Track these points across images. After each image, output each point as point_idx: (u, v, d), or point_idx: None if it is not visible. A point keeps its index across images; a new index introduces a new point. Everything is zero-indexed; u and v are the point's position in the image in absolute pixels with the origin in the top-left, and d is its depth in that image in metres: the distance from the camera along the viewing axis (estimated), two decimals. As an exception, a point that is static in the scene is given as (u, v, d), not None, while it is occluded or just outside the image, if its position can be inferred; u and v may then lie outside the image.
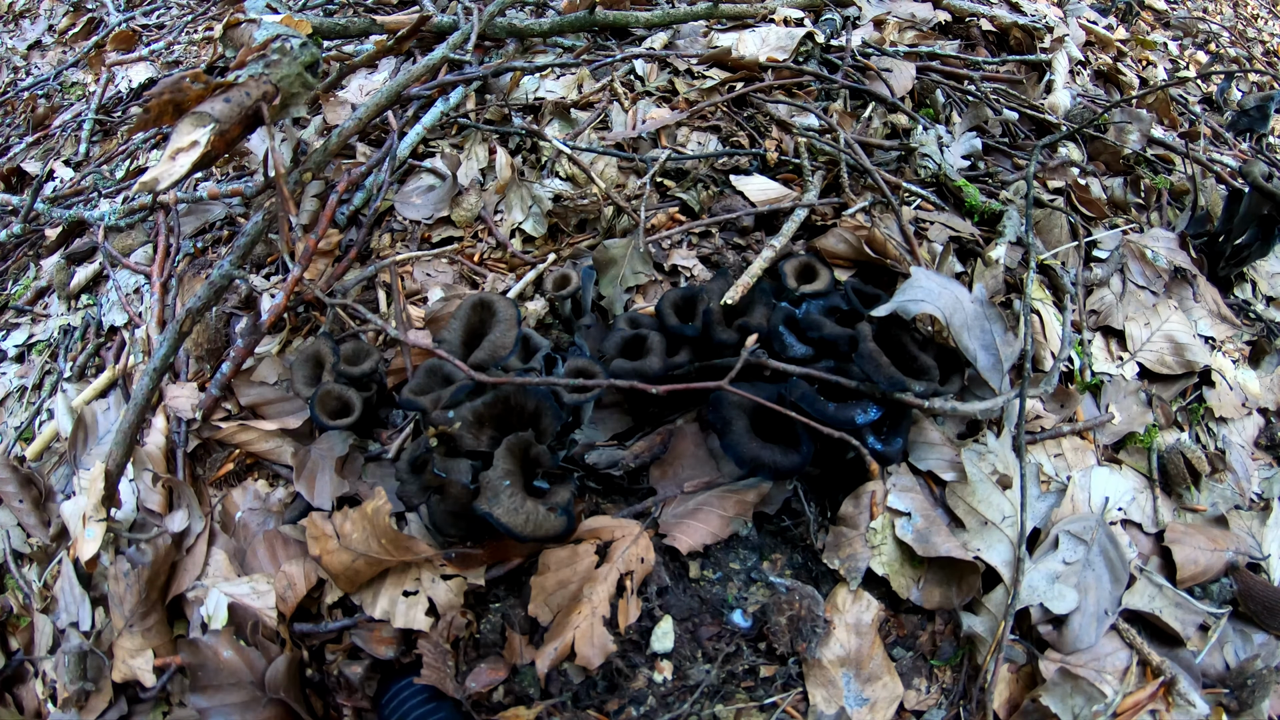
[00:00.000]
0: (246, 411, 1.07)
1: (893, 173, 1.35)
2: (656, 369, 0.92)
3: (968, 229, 1.24)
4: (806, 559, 0.91)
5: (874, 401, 0.86)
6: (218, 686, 0.83)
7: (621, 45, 1.65)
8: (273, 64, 0.97)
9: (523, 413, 0.88)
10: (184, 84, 0.92)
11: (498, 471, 0.80)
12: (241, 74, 0.96)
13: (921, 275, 0.97)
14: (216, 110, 0.90)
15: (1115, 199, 1.46)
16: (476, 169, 1.34)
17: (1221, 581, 0.97)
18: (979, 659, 0.84)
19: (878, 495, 0.91)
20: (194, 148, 0.88)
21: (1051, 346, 1.11)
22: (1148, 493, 1.03)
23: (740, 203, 1.27)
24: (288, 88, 0.98)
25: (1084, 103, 1.73)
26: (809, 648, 0.81)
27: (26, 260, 1.64)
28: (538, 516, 0.80)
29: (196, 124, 0.90)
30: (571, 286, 1.06)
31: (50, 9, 2.73)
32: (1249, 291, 1.44)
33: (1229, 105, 2.13)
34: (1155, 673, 0.86)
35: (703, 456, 0.96)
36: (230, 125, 0.92)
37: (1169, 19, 2.73)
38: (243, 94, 0.93)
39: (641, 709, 0.79)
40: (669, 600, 0.85)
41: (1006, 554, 0.88)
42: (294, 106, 1.00)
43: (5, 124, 2.30)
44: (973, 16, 1.83)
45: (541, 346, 0.99)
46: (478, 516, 0.78)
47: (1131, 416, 1.10)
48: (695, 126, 1.41)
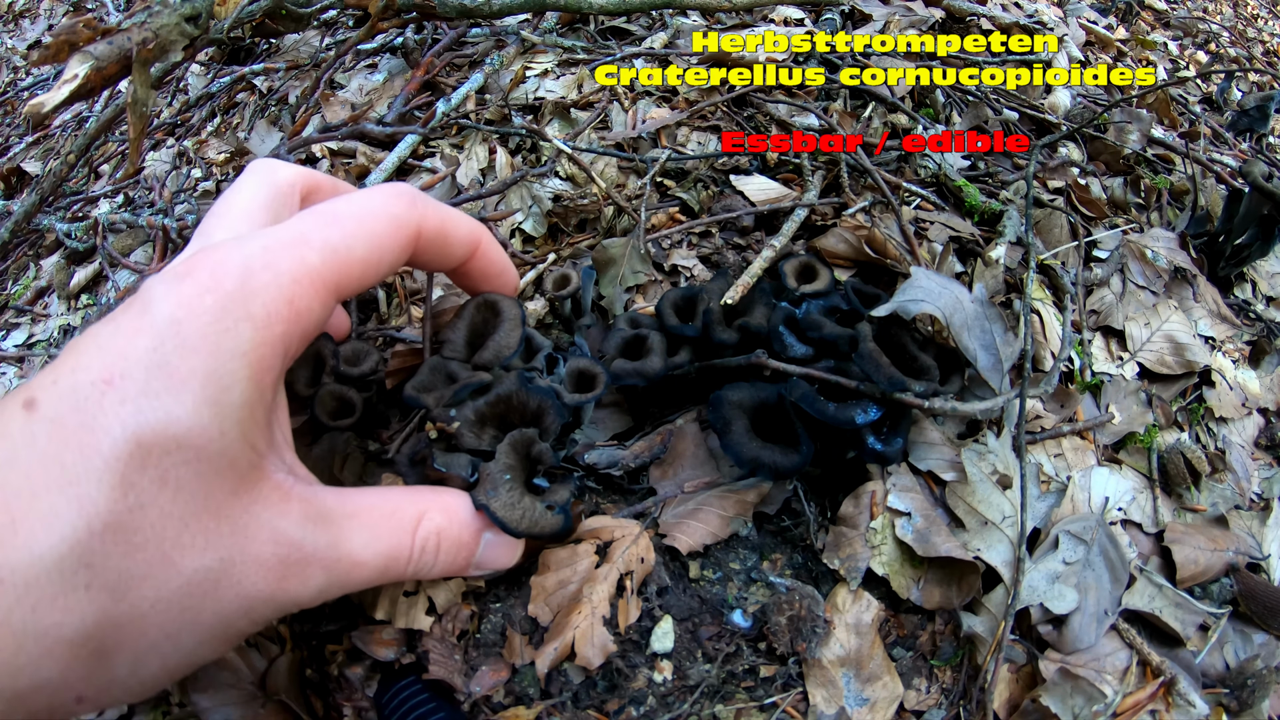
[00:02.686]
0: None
1: (893, 173, 1.35)
2: (657, 369, 0.92)
3: (968, 229, 1.24)
4: (806, 559, 0.91)
5: (874, 401, 0.86)
6: (217, 686, 0.83)
7: (621, 45, 1.65)
8: (154, 14, 1.12)
9: (525, 412, 0.88)
10: (78, 28, 1.07)
11: (499, 465, 0.80)
12: (126, 21, 1.11)
13: (921, 275, 0.97)
14: (98, 50, 1.06)
15: (1115, 199, 1.46)
16: (476, 169, 1.34)
17: (1221, 581, 0.97)
18: (979, 659, 0.84)
19: (878, 495, 0.91)
20: (74, 79, 1.04)
21: (1051, 346, 1.11)
22: (1148, 493, 1.03)
23: (740, 203, 1.27)
24: (166, 35, 1.12)
25: (1084, 103, 1.73)
26: (809, 648, 0.81)
27: (26, 260, 1.64)
28: (534, 513, 0.79)
29: (81, 61, 1.06)
30: (571, 286, 1.06)
31: (50, 9, 2.73)
32: (1249, 291, 1.44)
33: (1229, 105, 2.13)
34: (1155, 673, 0.86)
35: (703, 456, 0.96)
36: (109, 64, 1.08)
37: (1169, 19, 2.73)
38: (124, 39, 1.08)
39: (641, 709, 0.79)
40: (669, 600, 0.85)
41: (1006, 554, 0.88)
42: (172, 52, 1.15)
43: (5, 124, 2.30)
44: (973, 16, 1.83)
45: (543, 346, 0.99)
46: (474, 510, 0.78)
47: (1131, 416, 1.10)
48: (695, 126, 1.41)
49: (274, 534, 0.49)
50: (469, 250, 0.69)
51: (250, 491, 0.48)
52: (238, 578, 0.48)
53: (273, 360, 0.48)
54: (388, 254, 0.56)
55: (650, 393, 1.03)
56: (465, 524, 0.64)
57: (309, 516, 0.52)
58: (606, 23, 1.74)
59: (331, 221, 0.52)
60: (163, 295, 0.46)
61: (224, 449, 0.46)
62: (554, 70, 1.55)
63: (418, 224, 0.58)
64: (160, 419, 0.43)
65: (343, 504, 0.56)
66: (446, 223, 0.63)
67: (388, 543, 0.57)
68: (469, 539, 0.64)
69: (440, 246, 0.63)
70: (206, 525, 0.46)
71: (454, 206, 1.23)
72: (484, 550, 0.66)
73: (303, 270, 0.49)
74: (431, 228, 0.60)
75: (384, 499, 0.59)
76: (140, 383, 0.43)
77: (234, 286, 0.46)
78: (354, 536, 0.54)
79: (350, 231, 0.53)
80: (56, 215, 1.61)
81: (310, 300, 0.50)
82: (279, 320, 0.47)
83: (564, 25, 1.73)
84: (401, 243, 0.58)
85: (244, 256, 0.48)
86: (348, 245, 0.52)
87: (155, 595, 0.44)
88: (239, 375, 0.45)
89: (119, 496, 0.42)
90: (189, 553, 0.45)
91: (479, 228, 0.69)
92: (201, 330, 0.45)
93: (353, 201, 0.55)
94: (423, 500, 0.62)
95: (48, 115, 1.09)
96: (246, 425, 0.47)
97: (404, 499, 0.61)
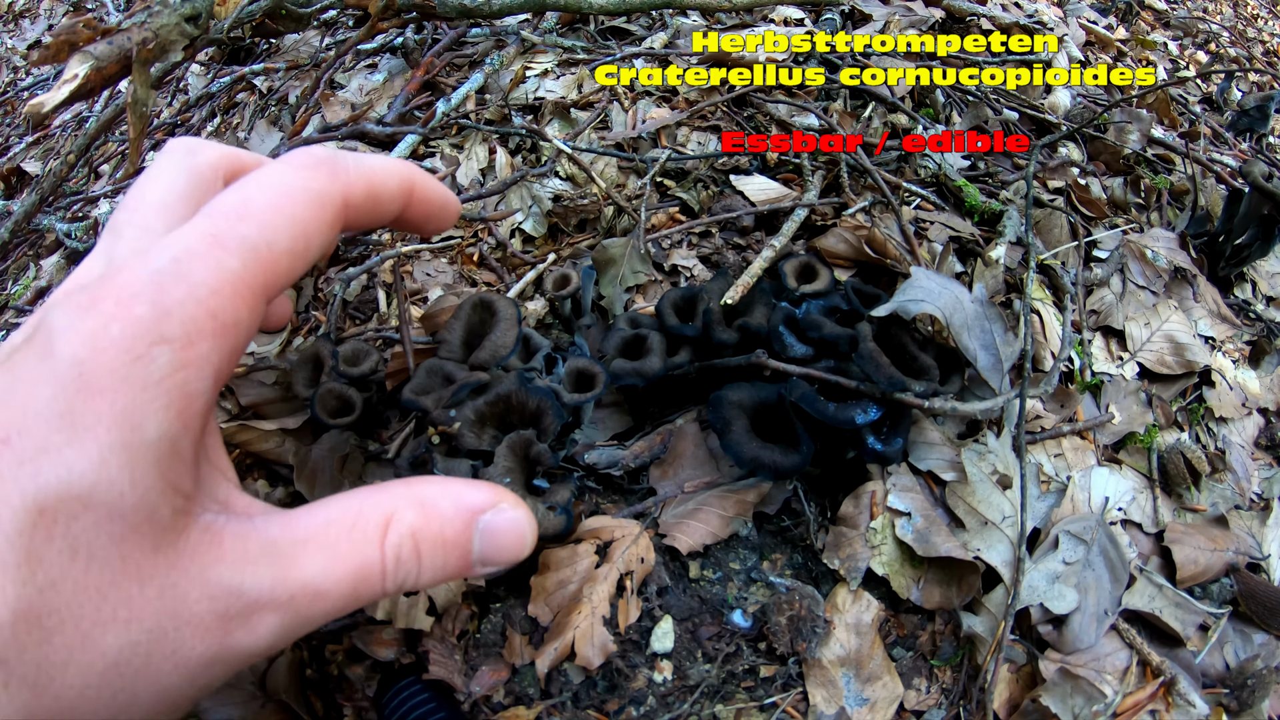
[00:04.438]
0: (247, 411, 1.07)
1: (893, 173, 1.35)
2: (657, 369, 0.92)
3: (968, 229, 1.24)
4: (806, 559, 0.91)
5: (874, 401, 0.86)
6: (218, 686, 0.83)
7: (621, 45, 1.65)
8: (154, 14, 1.13)
9: (524, 412, 0.88)
10: (78, 28, 1.08)
11: (498, 469, 0.80)
12: (126, 21, 1.11)
13: (921, 275, 0.97)
14: (98, 50, 1.07)
15: (1115, 199, 1.46)
16: (476, 169, 1.34)
17: (1221, 581, 0.97)
18: (979, 659, 0.84)
19: (878, 495, 0.91)
20: (74, 79, 1.04)
21: (1051, 346, 1.11)
22: (1148, 493, 1.03)
23: (740, 202, 1.27)
24: (166, 35, 1.13)
25: (1084, 103, 1.73)
26: (809, 648, 0.81)
27: (26, 260, 1.64)
28: (537, 515, 0.80)
29: (81, 61, 1.06)
30: (571, 286, 1.06)
31: (50, 9, 2.73)
32: (1249, 291, 1.44)
33: (1229, 105, 2.13)
34: (1155, 673, 0.86)
35: (703, 456, 0.96)
36: (109, 64, 1.08)
37: (1169, 19, 2.73)
38: (124, 38, 1.09)
39: (641, 709, 0.79)
40: (669, 600, 0.85)
41: (1006, 554, 0.88)
42: (172, 52, 1.16)
43: (5, 124, 2.30)
44: (973, 16, 1.83)
45: (542, 346, 0.99)
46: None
47: (1131, 416, 1.10)
48: (695, 126, 1.41)
49: (207, 587, 0.43)
50: (402, 201, 0.60)
51: (175, 544, 0.42)
52: (172, 646, 0.42)
53: (198, 384, 0.42)
54: (315, 238, 0.49)
55: (650, 393, 1.03)
56: (447, 518, 0.52)
57: (247, 556, 0.45)
58: (606, 23, 1.74)
59: (245, 214, 0.46)
60: (65, 331, 0.40)
61: (139, 501, 0.40)
62: (554, 70, 1.55)
63: (342, 195, 0.51)
64: (61, 477, 0.38)
65: (292, 528, 0.48)
66: (374, 182, 0.54)
67: (350, 562, 0.48)
68: (455, 534, 0.52)
69: (372, 208, 0.55)
70: (128, 593, 0.40)
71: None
72: (483, 542, 0.53)
73: (222, 277, 0.43)
74: (358, 193, 0.53)
75: (343, 509, 0.50)
76: (39, 438, 0.38)
77: (144, 310, 0.40)
78: (308, 564, 0.47)
79: (268, 223, 0.46)
80: (56, 215, 1.61)
81: (236, 310, 0.44)
82: (201, 337, 0.42)
83: (564, 25, 1.73)
84: (328, 221, 0.50)
85: (152, 272, 0.41)
86: (268, 240, 0.46)
87: (81, 683, 0.39)
88: (155, 407, 0.40)
89: (26, 578, 0.37)
90: (111, 629, 0.40)
91: (408, 172, 0.58)
92: (109, 365, 0.39)
93: (265, 185, 0.48)
94: (390, 499, 0.51)
95: (48, 115, 1.09)
96: (167, 464, 0.41)
97: (366, 502, 0.51)
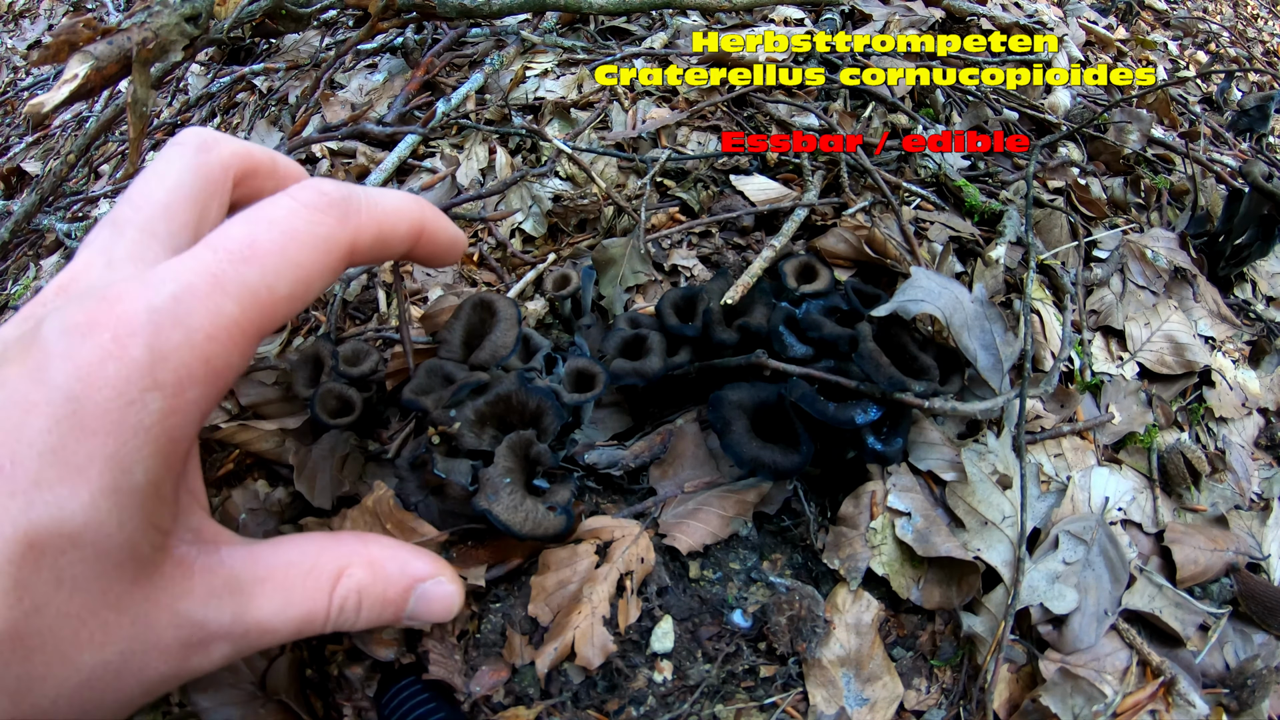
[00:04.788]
0: (247, 411, 1.07)
1: (893, 173, 1.35)
2: (657, 369, 0.92)
3: (968, 229, 1.24)
4: (806, 559, 0.91)
5: (874, 401, 0.86)
6: (218, 686, 0.83)
7: (621, 45, 1.65)
8: (154, 14, 1.13)
9: (524, 412, 0.88)
10: (78, 28, 1.08)
11: (498, 469, 0.80)
12: (126, 21, 1.11)
13: (921, 275, 0.97)
14: (98, 50, 1.07)
15: (1115, 199, 1.46)
16: (476, 169, 1.34)
17: (1221, 581, 0.97)
18: (979, 659, 0.84)
19: (878, 495, 0.91)
20: (74, 79, 1.05)
21: (1051, 346, 1.11)
22: (1148, 493, 1.03)
23: (740, 202, 1.27)
24: (166, 35, 1.13)
25: (1084, 103, 1.73)
26: (809, 648, 0.81)
27: (26, 260, 1.64)
28: (537, 515, 0.80)
29: (81, 61, 1.06)
30: (571, 286, 1.06)
31: (50, 9, 2.73)
32: (1249, 291, 1.44)
33: (1229, 105, 2.13)
34: (1155, 673, 0.86)
35: (703, 456, 0.96)
36: (109, 64, 1.08)
37: (1169, 19, 2.73)
38: (124, 39, 1.09)
39: (641, 709, 0.79)
40: (669, 600, 0.85)
41: (1006, 554, 0.88)
42: (172, 52, 1.16)
43: (5, 124, 2.30)
44: (973, 16, 1.83)
45: (542, 346, 0.99)
46: (475, 515, 0.78)
47: (1131, 416, 1.10)
48: (695, 126, 1.41)
49: (175, 618, 0.47)
50: (410, 243, 0.58)
51: (150, 577, 0.46)
52: (139, 666, 0.46)
53: (185, 429, 0.44)
54: (317, 282, 0.50)
55: (650, 393, 1.03)
56: (391, 580, 0.58)
57: (213, 591, 0.49)
58: (606, 23, 1.74)
59: (250, 257, 0.46)
60: (61, 357, 0.42)
61: (124, 541, 0.43)
62: (554, 70, 1.55)
63: (350, 241, 0.52)
64: (54, 515, 0.40)
65: (253, 566, 0.52)
66: (384, 226, 0.55)
67: (301, 607, 0.53)
68: (395, 595, 0.58)
69: (379, 251, 0.56)
70: (105, 620, 0.44)
71: (447, 208, 1.24)
72: (415, 604, 0.60)
73: (219, 324, 0.44)
74: (367, 238, 0.53)
75: (301, 553, 0.55)
76: (33, 472, 0.40)
77: (140, 353, 0.42)
78: (264, 604, 0.51)
79: (272, 269, 0.47)
80: (56, 215, 1.61)
81: (229, 356, 0.45)
82: (192, 384, 0.43)
83: (564, 25, 1.73)
84: (331, 266, 0.51)
85: (150, 310, 0.43)
86: (269, 286, 0.46)
87: (55, 693, 0.43)
88: (143, 453, 0.42)
89: (14, 603, 0.40)
90: (87, 649, 0.44)
91: (419, 213, 0.58)
92: (103, 407, 0.41)
93: (274, 225, 0.48)
94: (345, 553, 0.56)
95: (48, 115, 1.09)
96: (150, 505, 0.44)
97: (324, 552, 0.56)
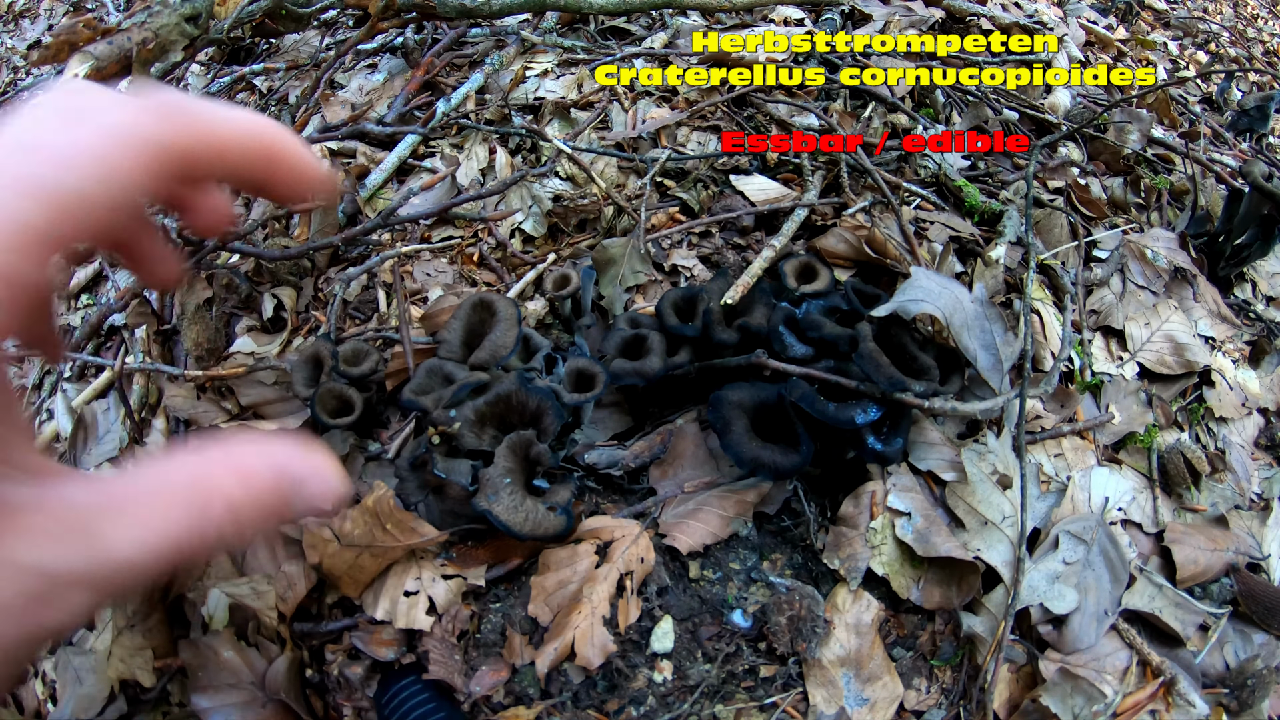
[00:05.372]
0: (247, 411, 1.07)
1: (893, 173, 1.35)
2: (657, 369, 0.92)
3: (968, 229, 1.24)
4: (806, 559, 0.91)
5: (874, 401, 0.86)
6: (218, 687, 0.83)
7: (621, 45, 1.65)
8: (154, 14, 1.14)
9: (524, 412, 0.88)
10: (78, 28, 1.08)
11: (498, 469, 0.80)
12: (126, 21, 1.12)
13: (921, 275, 0.97)
14: (98, 50, 1.07)
15: (1115, 199, 1.46)
16: (476, 169, 1.34)
17: (1221, 581, 0.97)
18: (979, 659, 0.84)
19: (878, 495, 0.91)
20: (74, 79, 1.01)
21: (1051, 346, 1.11)
22: (1148, 493, 1.03)
23: (740, 202, 1.27)
24: (166, 35, 1.14)
25: (1084, 103, 1.73)
26: (809, 648, 0.81)
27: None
28: (537, 515, 0.80)
29: (81, 61, 1.06)
30: (571, 286, 1.06)
31: (50, 9, 2.73)
32: (1249, 291, 1.44)
33: (1229, 105, 2.13)
34: (1155, 673, 0.86)
35: (703, 456, 0.96)
36: (109, 64, 1.09)
37: (1169, 19, 2.73)
38: (124, 39, 1.10)
39: (641, 709, 0.79)
40: (669, 600, 0.85)
41: (1006, 554, 0.88)
42: (172, 52, 1.17)
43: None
44: (973, 16, 1.83)
45: (542, 346, 0.99)
46: (475, 515, 0.78)
47: (1131, 416, 1.10)
48: (695, 126, 1.41)
49: (13, 571, 0.42)
50: (260, 165, 0.50)
51: None
52: None
53: None
54: (131, 186, 0.43)
55: (650, 393, 1.03)
56: (263, 482, 0.47)
57: (55, 533, 0.42)
58: (606, 23, 1.74)
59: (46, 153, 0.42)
60: None
61: None
62: (554, 70, 1.55)
63: (171, 141, 0.46)
64: None
65: (101, 498, 0.45)
66: (220, 135, 0.47)
67: (163, 534, 0.43)
68: (271, 499, 0.47)
69: (218, 165, 0.47)
70: None
71: (452, 203, 1.23)
72: (296, 502, 0.50)
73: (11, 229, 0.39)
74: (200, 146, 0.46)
75: (156, 476, 0.46)
76: None
77: None
78: (119, 538, 0.43)
79: (70, 162, 0.43)
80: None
81: (17, 262, 0.39)
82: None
83: (564, 25, 1.73)
84: (148, 167, 0.44)
85: None
86: (70, 183, 0.41)
87: None
88: None
89: None
90: None
91: (270, 133, 0.50)
92: None
93: (82, 120, 0.44)
94: (206, 465, 0.46)
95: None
96: None
97: (181, 469, 0.46)
